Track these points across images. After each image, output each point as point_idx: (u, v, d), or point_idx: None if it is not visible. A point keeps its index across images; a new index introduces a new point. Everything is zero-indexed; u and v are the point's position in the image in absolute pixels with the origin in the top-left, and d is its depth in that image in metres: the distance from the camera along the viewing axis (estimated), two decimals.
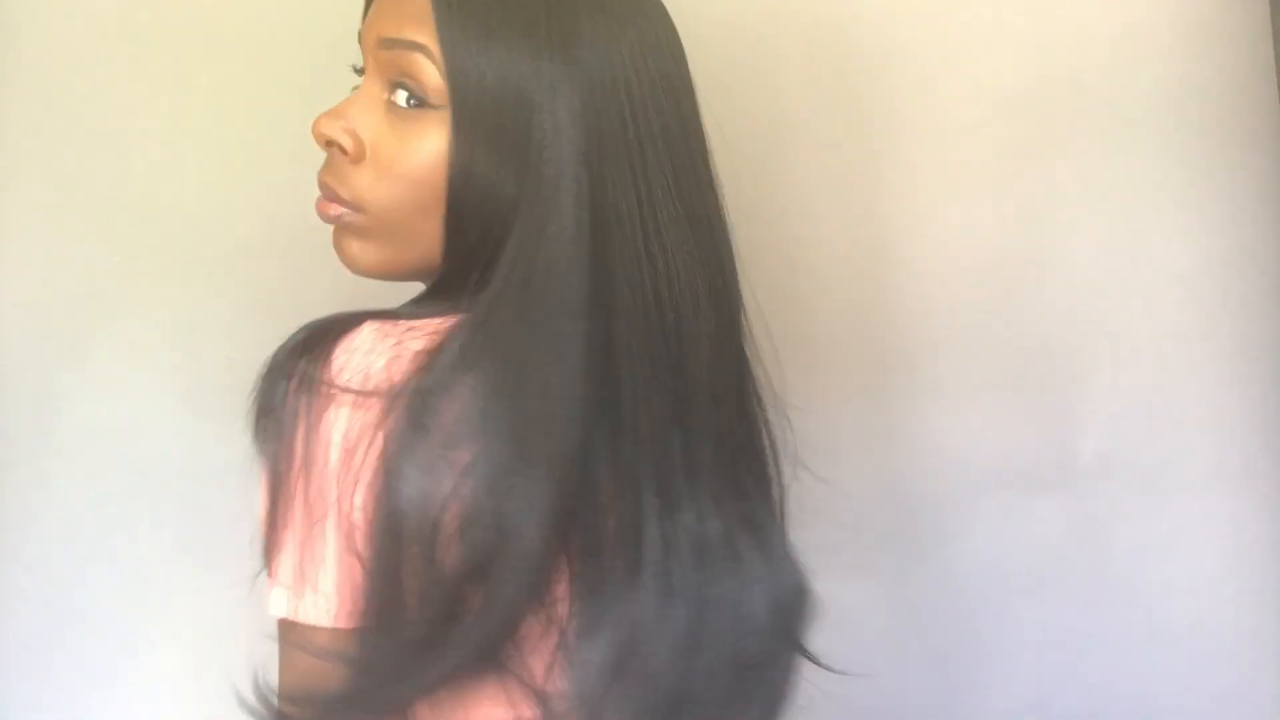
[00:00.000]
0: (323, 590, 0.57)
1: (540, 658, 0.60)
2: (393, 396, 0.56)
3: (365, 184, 0.64)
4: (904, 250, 1.11)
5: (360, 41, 0.67)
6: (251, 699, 0.59)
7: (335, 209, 0.66)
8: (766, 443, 0.74)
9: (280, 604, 0.58)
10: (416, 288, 0.68)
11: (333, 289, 0.73)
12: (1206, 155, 1.08)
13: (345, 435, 0.57)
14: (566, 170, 0.61)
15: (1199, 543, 1.10)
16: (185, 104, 1.09)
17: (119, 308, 1.10)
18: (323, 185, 0.66)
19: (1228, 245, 1.08)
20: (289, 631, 0.59)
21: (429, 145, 0.63)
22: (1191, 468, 1.09)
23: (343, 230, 0.67)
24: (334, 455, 0.57)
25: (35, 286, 1.09)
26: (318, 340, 0.59)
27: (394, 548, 0.56)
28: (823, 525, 1.15)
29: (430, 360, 0.58)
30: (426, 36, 0.62)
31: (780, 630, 0.69)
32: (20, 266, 1.09)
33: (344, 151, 0.65)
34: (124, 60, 1.09)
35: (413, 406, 0.56)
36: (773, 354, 1.12)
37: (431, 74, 0.62)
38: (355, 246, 0.66)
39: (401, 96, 0.64)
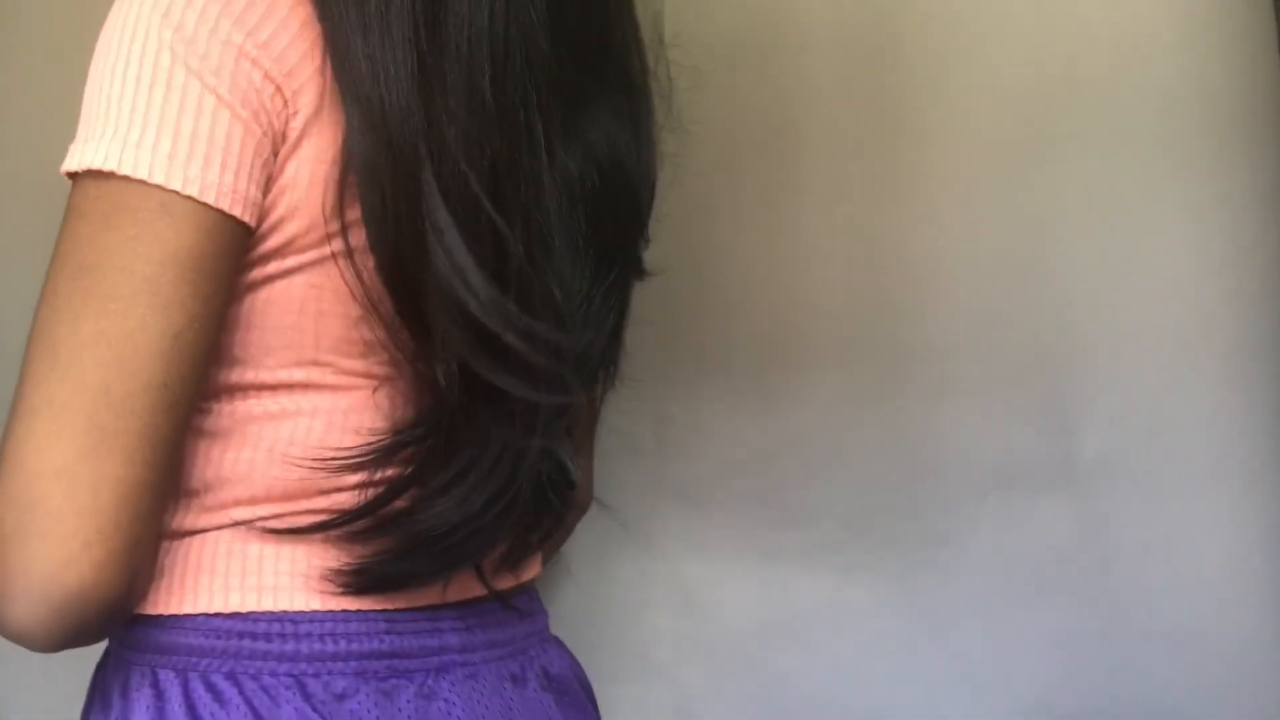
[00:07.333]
0: None
1: None
2: None
3: None
4: (904, 250, 1.11)
5: None
6: None
7: None
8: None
9: None
10: None
11: None
12: (1208, 156, 1.08)
13: None
14: None
15: (1201, 542, 1.10)
16: None
17: None
18: None
19: (1229, 245, 1.08)
20: None
21: None
22: (1194, 467, 1.09)
23: None
24: None
25: (35, 286, 1.09)
26: None
27: None
28: (825, 524, 1.15)
29: None
30: None
31: None
32: (20, 267, 1.09)
33: None
34: None
35: None
36: (774, 354, 1.13)
37: None
38: None
39: None
